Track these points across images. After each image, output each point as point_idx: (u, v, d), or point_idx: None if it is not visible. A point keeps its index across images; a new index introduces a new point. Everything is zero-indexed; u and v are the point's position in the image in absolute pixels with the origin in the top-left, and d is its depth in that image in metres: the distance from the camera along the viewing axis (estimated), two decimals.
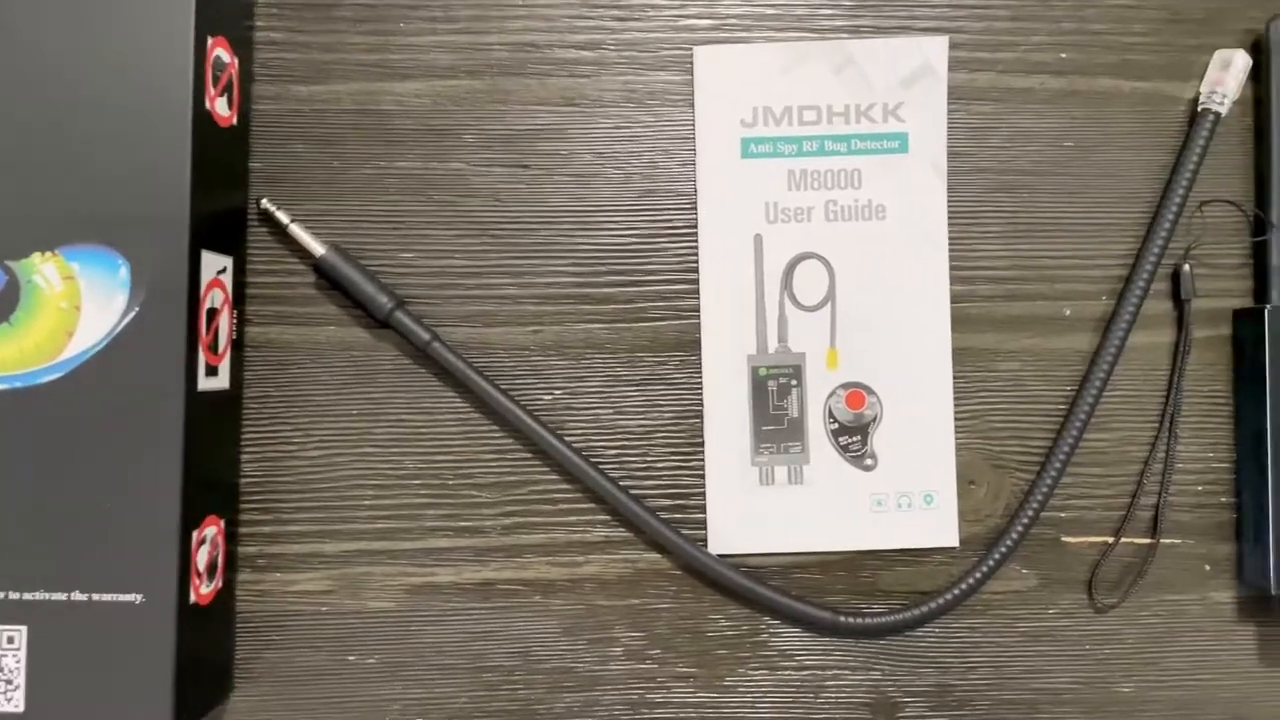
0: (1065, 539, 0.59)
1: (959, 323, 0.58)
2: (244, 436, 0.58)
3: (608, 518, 0.58)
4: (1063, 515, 0.59)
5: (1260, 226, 0.58)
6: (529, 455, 0.58)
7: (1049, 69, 0.59)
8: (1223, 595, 0.58)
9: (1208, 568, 0.58)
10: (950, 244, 0.58)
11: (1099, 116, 0.59)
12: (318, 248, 0.57)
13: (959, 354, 0.58)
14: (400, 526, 0.58)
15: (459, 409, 0.58)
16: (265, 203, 0.57)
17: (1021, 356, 0.59)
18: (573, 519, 0.58)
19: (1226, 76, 0.57)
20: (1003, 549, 0.57)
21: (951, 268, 0.58)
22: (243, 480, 0.58)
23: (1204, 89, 0.58)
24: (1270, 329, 0.56)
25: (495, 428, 0.58)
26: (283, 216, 0.57)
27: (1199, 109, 0.58)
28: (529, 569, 0.58)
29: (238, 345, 0.57)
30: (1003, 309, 0.59)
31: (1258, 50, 0.58)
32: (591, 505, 0.58)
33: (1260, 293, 0.58)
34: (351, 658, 0.58)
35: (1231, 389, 0.58)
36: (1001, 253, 0.59)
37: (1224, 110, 0.58)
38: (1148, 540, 0.58)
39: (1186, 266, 0.58)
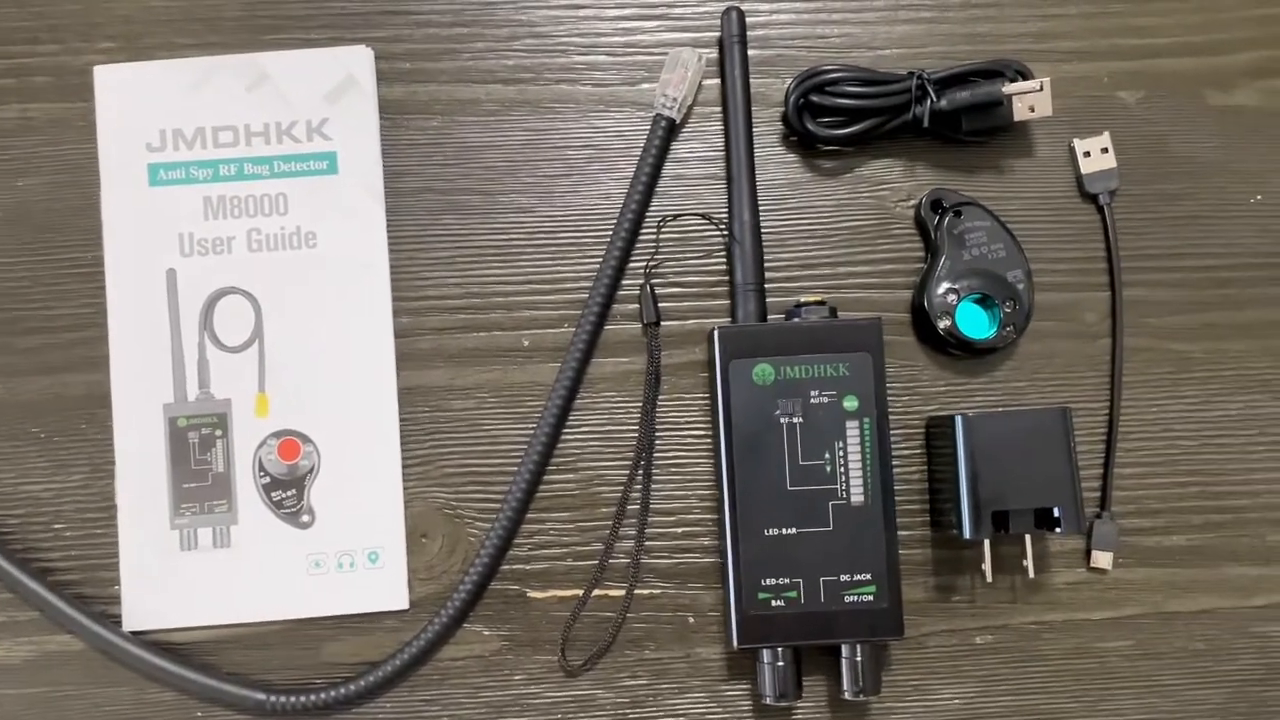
0: (532, 594, 0.52)
1: (406, 359, 0.53)
2: None
3: (10, 596, 0.51)
4: (529, 568, 0.52)
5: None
6: None
7: (498, 77, 0.54)
8: (709, 651, 0.52)
9: (691, 620, 0.52)
10: (392, 272, 0.53)
11: (554, 127, 0.54)
12: None
13: (406, 394, 0.53)
14: None
15: None
16: None
17: (477, 393, 0.53)
18: None
19: (674, 78, 0.52)
20: (451, 608, 0.51)
21: (395, 298, 0.53)
22: None
23: (657, 92, 0.53)
24: (720, 351, 0.50)
25: None
26: None
27: (655, 114, 0.53)
28: None
29: None
30: (455, 341, 0.53)
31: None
32: None
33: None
34: None
35: (713, 421, 0.53)
36: (452, 279, 0.53)
37: (676, 114, 0.53)
38: (622, 591, 0.52)
39: (648, 286, 0.53)
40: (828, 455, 0.50)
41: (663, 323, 0.53)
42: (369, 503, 0.52)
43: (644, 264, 0.53)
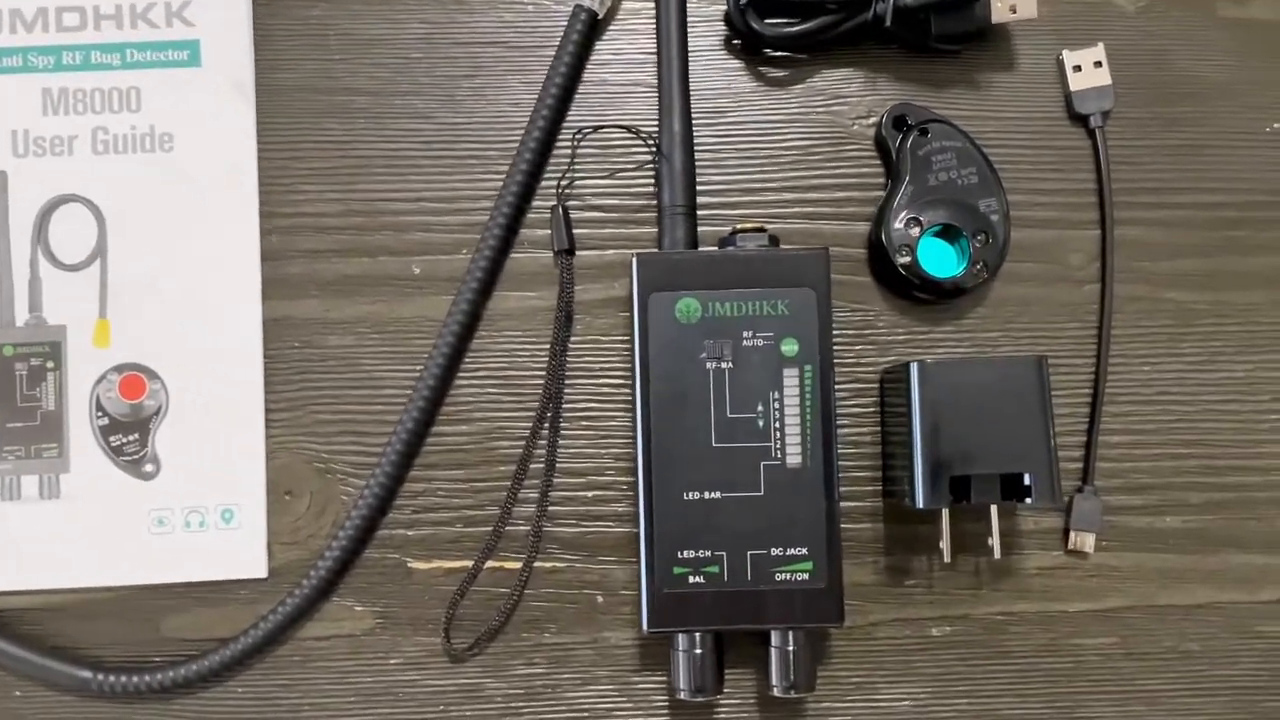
0: (413, 564, 0.45)
1: (274, 286, 0.45)
2: None
3: None
4: (410, 534, 0.45)
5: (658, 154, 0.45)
6: None
7: None
8: (621, 635, 0.45)
9: (600, 599, 0.45)
10: (261, 184, 0.45)
11: (456, 19, 0.46)
12: None
13: (273, 326, 0.45)
14: None
15: None
16: None
17: (357, 328, 0.45)
18: None
19: None
20: (317, 578, 0.43)
21: (263, 214, 0.45)
22: None
23: None
24: (639, 282, 0.43)
25: None
26: None
27: (575, 5, 0.45)
28: None
29: None
30: (332, 267, 0.45)
31: None
32: None
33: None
34: None
35: (631, 366, 0.45)
36: (331, 194, 0.46)
37: (599, 6, 0.45)
38: (519, 564, 0.45)
39: (560, 209, 0.45)
40: (760, 408, 0.42)
41: (577, 252, 0.45)
42: (224, 452, 0.44)
43: (557, 183, 0.46)
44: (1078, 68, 0.46)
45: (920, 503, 0.41)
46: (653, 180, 0.46)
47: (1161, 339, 0.46)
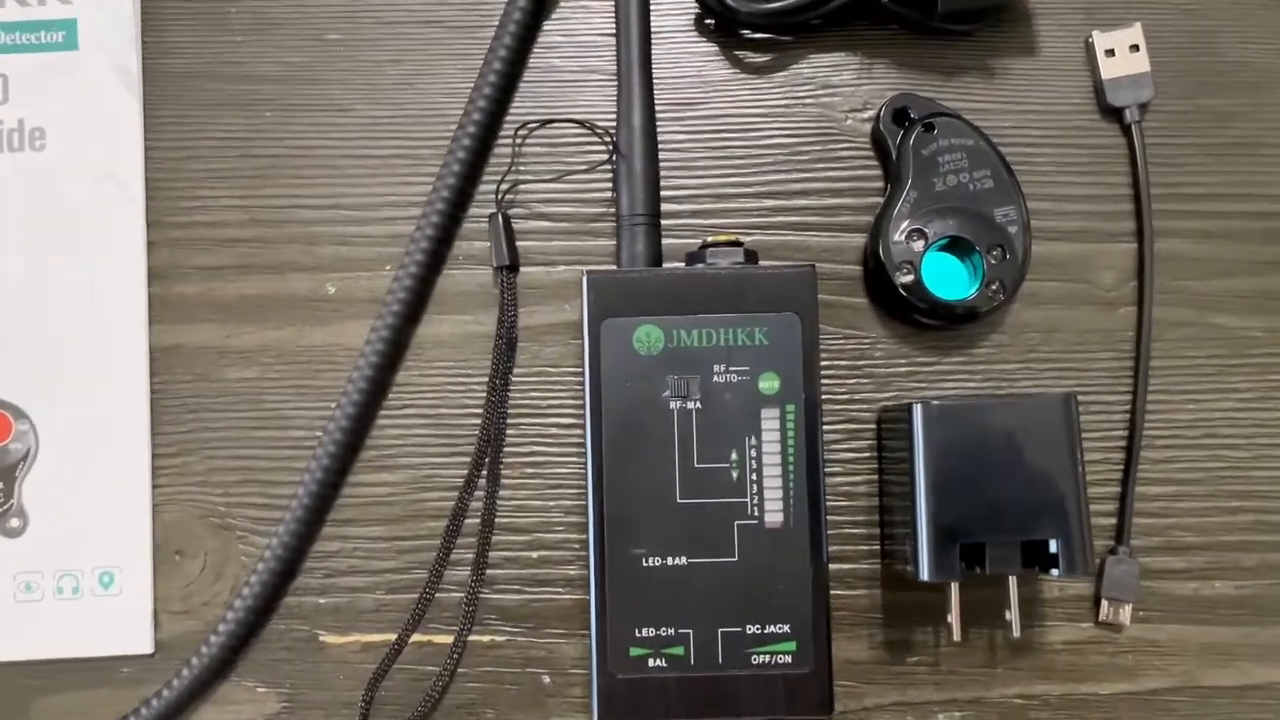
0: (326, 638, 0.38)
1: (163, 309, 0.39)
2: None
3: None
4: (323, 602, 0.38)
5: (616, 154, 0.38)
6: None
7: None
8: None
9: (548, 679, 0.38)
10: (148, 188, 0.39)
11: (384, 3, 0.40)
12: None
13: (162, 356, 0.38)
14: None
15: None
16: None
17: (261, 358, 0.39)
18: None
19: None
20: (211, 654, 0.37)
21: (150, 224, 0.39)
22: None
23: None
24: (591, 305, 0.36)
25: None
26: None
27: None
28: None
29: None
30: (232, 286, 0.39)
31: None
32: None
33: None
34: None
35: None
36: (230, 201, 0.39)
37: None
38: (451, 638, 0.38)
39: (501, 217, 0.39)
40: (735, 456, 0.35)
41: (521, 268, 0.39)
42: (103, 505, 0.38)
43: (497, 187, 0.39)
44: (1111, 52, 0.39)
45: (925, 575, 0.34)
46: (610, 184, 0.39)
47: (1209, 371, 0.39)
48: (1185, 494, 0.39)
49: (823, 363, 0.37)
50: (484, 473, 0.38)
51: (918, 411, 0.34)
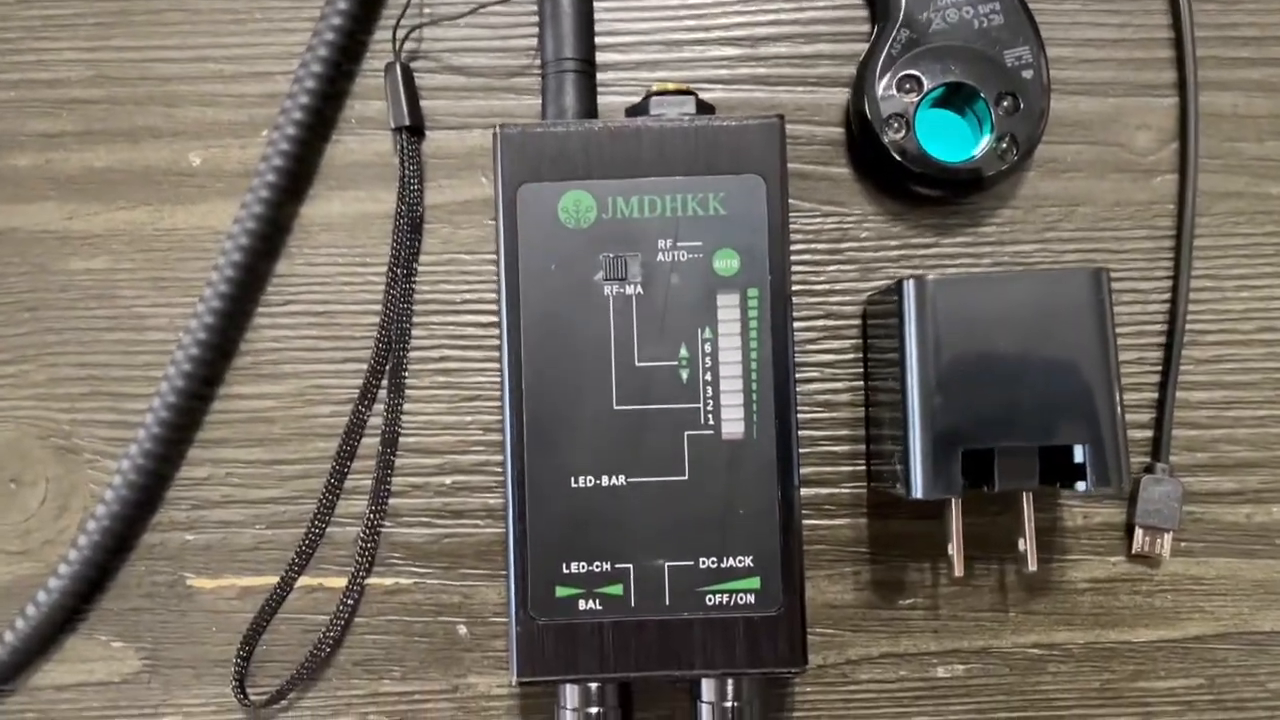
0: (194, 582, 0.31)
1: None
2: None
3: None
4: (190, 539, 0.32)
5: None
6: None
7: None
8: (492, 681, 0.31)
9: (464, 629, 0.31)
10: None
11: None
12: None
13: None
14: None
15: None
16: None
17: (113, 245, 0.32)
18: None
19: None
20: (52, 602, 0.30)
21: None
22: None
23: None
24: (504, 169, 0.29)
25: None
26: None
27: None
28: None
29: None
30: (76, 158, 0.32)
31: None
32: None
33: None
34: None
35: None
36: (71, 53, 0.32)
37: None
38: (344, 581, 0.31)
39: (399, 68, 0.31)
40: (684, 352, 0.29)
41: (426, 132, 0.32)
42: None
43: (393, 31, 0.32)
44: None
45: (918, 490, 0.27)
46: (534, 25, 0.32)
47: (1265, 253, 0.32)
48: (1236, 400, 0.32)
49: (797, 246, 0.31)
50: (384, 382, 0.32)
51: (909, 289, 0.28)
